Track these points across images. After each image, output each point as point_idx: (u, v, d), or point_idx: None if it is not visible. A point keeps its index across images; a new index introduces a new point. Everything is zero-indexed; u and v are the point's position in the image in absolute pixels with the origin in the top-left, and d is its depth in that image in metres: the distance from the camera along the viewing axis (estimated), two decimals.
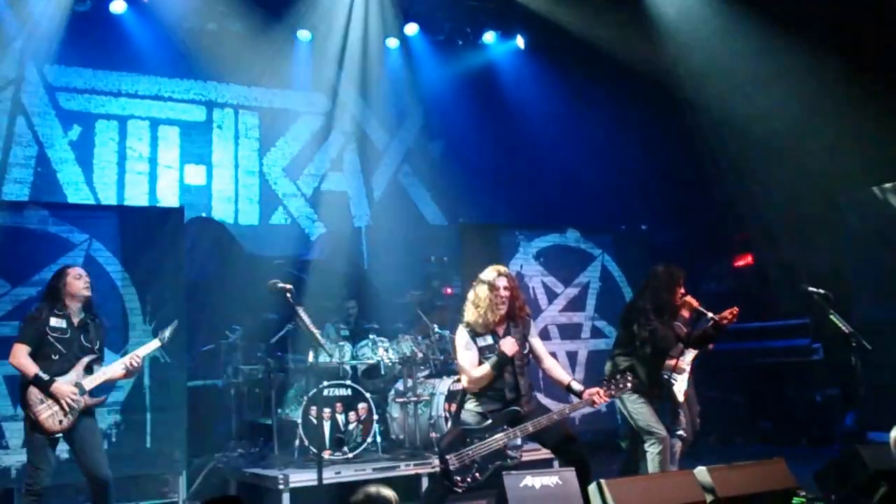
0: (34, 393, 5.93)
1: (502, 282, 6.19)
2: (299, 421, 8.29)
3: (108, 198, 10.84)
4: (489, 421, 6.03)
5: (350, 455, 8.35)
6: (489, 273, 6.27)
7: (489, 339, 6.18)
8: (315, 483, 6.77)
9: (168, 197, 11.21)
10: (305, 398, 8.37)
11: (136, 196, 11.06)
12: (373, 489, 3.88)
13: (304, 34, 11.58)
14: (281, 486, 7.55)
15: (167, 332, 6.37)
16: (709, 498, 6.01)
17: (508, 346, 6.05)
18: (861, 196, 10.39)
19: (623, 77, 11.44)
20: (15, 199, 9.49)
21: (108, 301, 8.08)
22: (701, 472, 6.15)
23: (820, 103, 10.13)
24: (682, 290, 6.99)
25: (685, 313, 6.96)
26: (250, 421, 9.24)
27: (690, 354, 7.59)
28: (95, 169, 10.90)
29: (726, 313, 6.83)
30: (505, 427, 6.00)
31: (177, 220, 8.87)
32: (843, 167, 9.97)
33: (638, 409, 6.89)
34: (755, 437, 10.93)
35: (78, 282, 6.23)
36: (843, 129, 9.91)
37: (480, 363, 6.12)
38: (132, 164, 11.16)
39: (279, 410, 8.81)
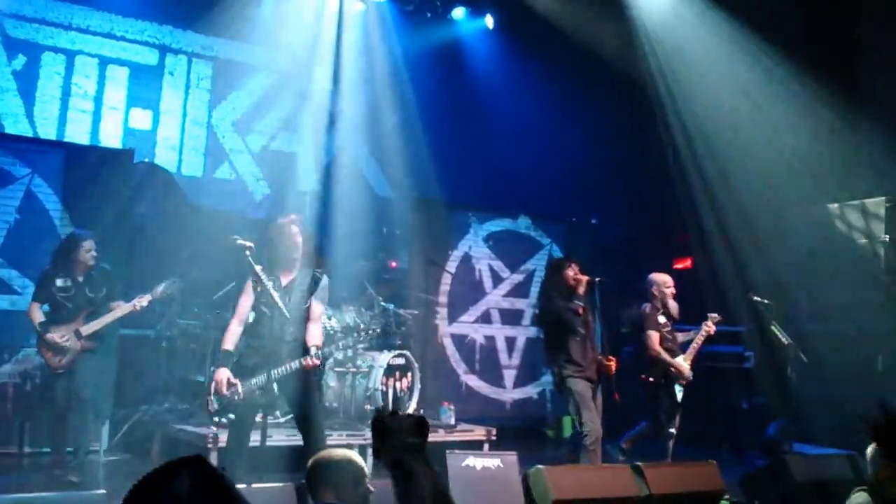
0: (41, 338, 7.13)
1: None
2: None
3: (48, 133, 10.44)
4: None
5: (282, 420, 8.21)
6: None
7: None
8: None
9: (110, 139, 10.83)
10: None
11: (78, 135, 10.66)
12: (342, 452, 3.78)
13: None
14: (210, 445, 7.39)
15: (160, 288, 7.47)
16: (642, 493, 6.10)
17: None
18: (808, 213, 10.59)
19: (589, 70, 11.45)
20: None
21: (45, 240, 7.84)
22: (636, 468, 6.26)
23: (780, 119, 10.30)
24: (573, 272, 7.43)
25: (581, 291, 7.34)
26: (181, 376, 9.01)
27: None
28: (37, 102, 10.47)
29: None
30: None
31: (125, 162, 8.62)
32: (794, 183, 10.15)
33: (576, 397, 7.11)
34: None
35: (88, 254, 7.29)
36: (799, 146, 10.09)
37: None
38: (76, 101, 10.76)
39: (212, 368, 8.60)
